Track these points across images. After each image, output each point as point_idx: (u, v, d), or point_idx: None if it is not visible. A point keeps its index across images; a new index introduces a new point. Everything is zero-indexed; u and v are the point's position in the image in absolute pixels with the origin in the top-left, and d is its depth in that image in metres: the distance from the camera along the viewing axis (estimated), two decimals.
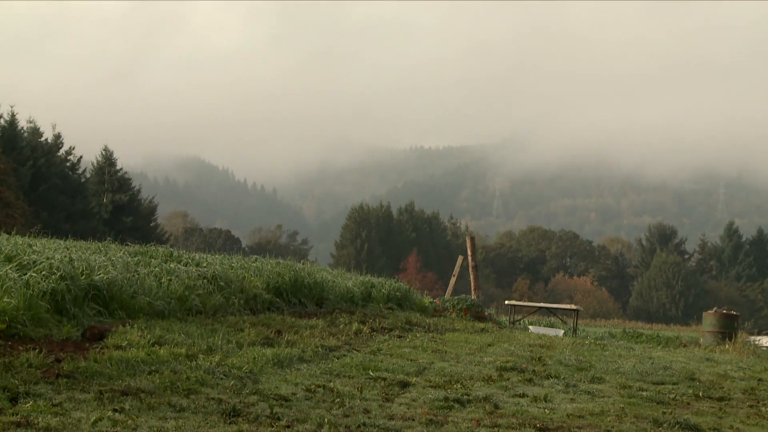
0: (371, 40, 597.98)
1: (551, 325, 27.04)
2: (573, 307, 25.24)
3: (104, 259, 13.13)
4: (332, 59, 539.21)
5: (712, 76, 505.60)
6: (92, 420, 6.12)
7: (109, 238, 18.75)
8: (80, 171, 69.42)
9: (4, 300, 9.70)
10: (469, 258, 27.20)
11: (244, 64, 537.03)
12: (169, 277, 13.60)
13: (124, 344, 9.33)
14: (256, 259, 19.42)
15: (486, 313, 22.15)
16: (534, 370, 10.81)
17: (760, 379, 11.78)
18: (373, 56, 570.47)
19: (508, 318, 23.65)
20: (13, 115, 62.11)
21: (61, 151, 67.45)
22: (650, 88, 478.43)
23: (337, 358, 10.52)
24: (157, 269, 13.98)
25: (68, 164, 67.75)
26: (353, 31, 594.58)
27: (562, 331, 21.09)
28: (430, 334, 14.87)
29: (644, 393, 9.57)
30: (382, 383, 8.94)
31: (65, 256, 12.07)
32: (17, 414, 6.09)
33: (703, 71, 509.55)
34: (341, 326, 14.06)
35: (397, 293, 21.09)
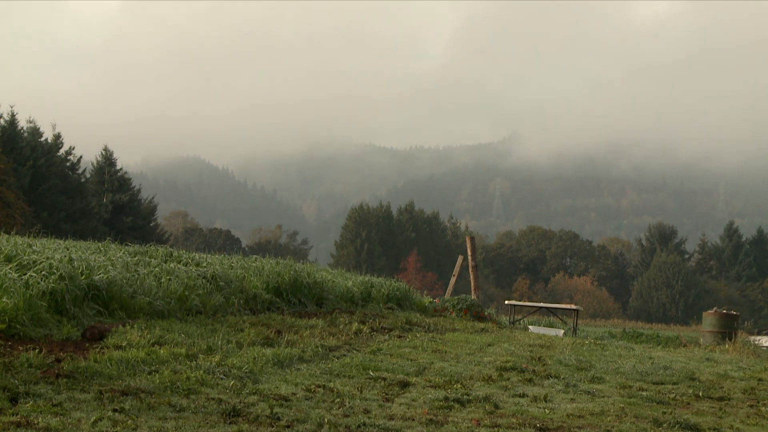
0: (370, 40, 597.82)
1: (551, 325, 27.03)
2: (573, 307, 25.21)
3: (104, 259, 13.13)
4: (332, 59, 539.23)
5: (712, 75, 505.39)
6: (92, 420, 6.11)
7: (109, 238, 18.74)
8: (80, 171, 69.39)
9: (4, 300, 9.69)
10: (469, 258, 27.19)
11: (244, 63, 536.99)
12: (168, 277, 13.59)
13: (124, 344, 9.32)
14: (256, 259, 19.39)
15: (486, 313, 22.14)
16: (534, 370, 10.80)
17: (760, 379, 11.77)
18: (372, 57, 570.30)
19: (508, 318, 23.64)
20: (13, 115, 62.10)
21: (61, 151, 67.42)
22: (651, 89, 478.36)
23: (337, 358, 10.51)
24: (156, 269, 13.98)
25: (68, 164, 67.73)
26: (352, 31, 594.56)
27: (562, 331, 21.08)
28: (430, 334, 14.86)
29: (644, 393, 9.56)
30: (382, 383, 8.93)
31: (65, 256, 12.05)
32: (17, 414, 6.08)
33: (702, 70, 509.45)
34: (341, 326, 14.05)
35: (397, 293, 21.09)
